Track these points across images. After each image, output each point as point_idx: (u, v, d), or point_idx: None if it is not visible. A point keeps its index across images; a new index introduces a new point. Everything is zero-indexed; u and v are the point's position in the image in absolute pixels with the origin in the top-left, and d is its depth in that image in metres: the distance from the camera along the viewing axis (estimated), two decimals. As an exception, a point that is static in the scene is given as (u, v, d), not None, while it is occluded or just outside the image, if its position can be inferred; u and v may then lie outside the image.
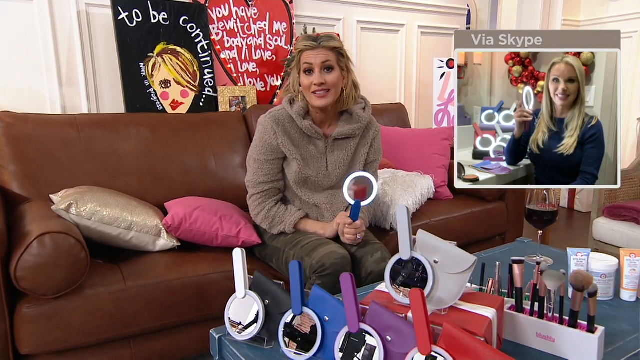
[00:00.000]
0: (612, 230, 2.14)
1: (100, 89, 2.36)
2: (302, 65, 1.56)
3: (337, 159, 1.63)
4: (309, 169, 1.60)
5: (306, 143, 1.62)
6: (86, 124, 1.91)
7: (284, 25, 2.73)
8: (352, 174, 1.49)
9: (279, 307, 1.06)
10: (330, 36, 1.57)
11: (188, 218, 1.61)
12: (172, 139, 2.02)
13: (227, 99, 2.48)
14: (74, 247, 1.31)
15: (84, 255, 1.33)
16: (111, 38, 2.28)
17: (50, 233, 1.28)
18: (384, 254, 1.52)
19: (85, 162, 1.84)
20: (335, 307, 1.00)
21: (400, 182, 2.02)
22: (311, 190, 1.64)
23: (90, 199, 1.52)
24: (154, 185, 1.91)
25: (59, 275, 1.29)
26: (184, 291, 1.49)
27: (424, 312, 0.86)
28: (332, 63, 1.54)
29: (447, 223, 2.10)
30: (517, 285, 1.03)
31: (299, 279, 1.03)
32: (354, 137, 1.65)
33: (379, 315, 0.94)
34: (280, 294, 1.08)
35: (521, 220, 2.42)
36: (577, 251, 1.20)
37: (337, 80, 1.55)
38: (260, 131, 1.62)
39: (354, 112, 1.64)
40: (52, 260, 1.28)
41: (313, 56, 1.53)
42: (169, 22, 2.35)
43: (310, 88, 1.55)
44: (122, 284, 1.42)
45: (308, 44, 1.54)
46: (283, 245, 1.59)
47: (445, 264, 0.98)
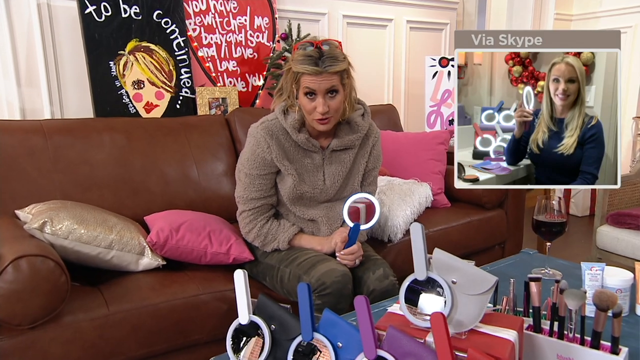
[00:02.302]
0: (617, 238, 2.23)
1: (64, 90, 2.32)
2: (303, 89, 1.50)
3: (335, 172, 1.64)
4: (305, 185, 1.61)
5: (301, 156, 1.61)
6: (54, 131, 1.88)
7: (266, 21, 2.74)
8: (353, 195, 1.51)
9: (287, 333, 1.07)
10: (334, 56, 1.47)
11: (174, 234, 1.61)
12: (150, 146, 2.01)
13: (206, 100, 2.47)
14: (54, 271, 1.29)
15: (64, 280, 1.31)
16: (77, 34, 2.25)
17: (26, 256, 1.26)
18: (386, 271, 1.55)
19: (54, 173, 1.81)
20: (349, 333, 1.02)
21: (397, 191, 2.07)
22: (306, 205, 1.65)
23: (65, 216, 1.50)
24: (130, 197, 1.89)
25: (36, 302, 1.27)
26: (172, 315, 1.49)
27: (446, 337, 0.89)
28: (337, 87, 1.50)
29: (446, 233, 2.15)
30: (535, 304, 1.07)
31: (308, 301, 1.05)
32: (353, 147, 1.65)
33: (397, 341, 0.96)
34: (288, 319, 1.09)
35: (521, 228, 2.50)
36: (591, 265, 1.25)
37: (340, 104, 1.53)
38: (252, 143, 1.60)
39: (353, 121, 1.63)
40: (29, 286, 1.26)
41: (316, 82, 1.47)
42: (141, 17, 2.33)
43: (313, 114, 1.52)
44: (104, 309, 1.41)
45: (310, 70, 1.45)
46: (277, 263, 1.60)
47: (464, 284, 1.01)
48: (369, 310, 0.98)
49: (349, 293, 1.46)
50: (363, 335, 0.97)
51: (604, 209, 2.30)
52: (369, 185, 1.74)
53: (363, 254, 1.59)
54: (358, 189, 1.69)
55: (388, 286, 1.52)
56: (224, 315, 1.56)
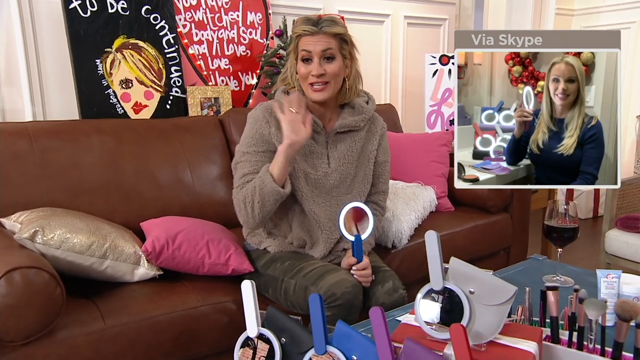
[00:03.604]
0: (627, 243, 2.27)
1: (47, 90, 2.31)
2: (300, 53, 1.55)
3: (341, 154, 1.64)
4: (307, 165, 1.61)
5: None
6: (40, 134, 1.87)
7: (259, 16, 2.75)
8: (345, 207, 1.50)
9: (298, 346, 1.09)
10: (333, 20, 1.56)
11: (170, 243, 1.61)
12: (141, 149, 2.01)
13: (197, 100, 2.47)
14: (48, 284, 1.29)
15: (59, 293, 1.31)
16: (61, 30, 2.24)
17: (20, 268, 1.26)
18: (396, 284, 1.56)
19: (41, 179, 1.80)
20: (365, 345, 1.03)
21: (401, 195, 2.09)
22: (312, 191, 1.61)
23: (57, 224, 1.49)
24: (122, 203, 1.89)
25: (30, 317, 1.27)
26: (171, 328, 1.49)
27: (467, 350, 0.91)
28: (334, 52, 1.54)
29: (451, 238, 2.18)
30: (553, 314, 1.10)
31: (320, 313, 1.06)
32: (359, 130, 1.67)
33: (415, 354, 0.98)
34: (299, 331, 1.10)
35: (526, 232, 2.54)
36: (606, 273, 1.28)
37: (338, 70, 1.56)
38: (250, 122, 1.62)
39: (357, 104, 1.67)
40: (23, 300, 1.25)
41: (312, 43, 1.53)
42: (129, 12, 2.33)
43: (308, 79, 1.55)
44: (100, 322, 1.41)
45: (307, 29, 1.52)
46: (281, 274, 1.60)
47: (482, 294, 1.03)
48: (385, 322, 0.99)
49: (359, 304, 1.47)
50: (380, 349, 0.99)
51: (613, 213, 2.35)
52: (382, 184, 1.75)
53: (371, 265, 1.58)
54: (370, 182, 1.69)
55: (398, 299, 1.53)
56: (225, 327, 1.57)
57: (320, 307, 1.06)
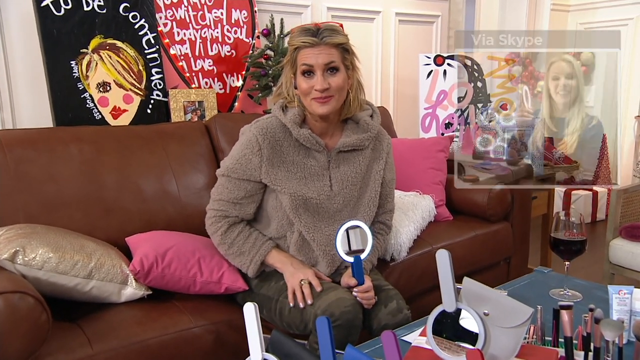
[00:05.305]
0: (632, 253, 2.34)
1: (16, 94, 2.29)
2: (300, 67, 1.53)
3: (344, 175, 1.63)
4: (307, 189, 1.59)
5: (304, 157, 1.61)
6: (13, 143, 1.85)
7: (244, 14, 2.76)
8: (341, 227, 1.51)
9: (306, 373, 1.11)
10: (333, 29, 1.53)
11: (160, 261, 1.61)
12: (123, 159, 2.00)
13: (180, 104, 2.47)
14: (34, 309, 1.28)
15: (45, 318, 1.31)
16: (32, 29, 2.22)
17: (3, 294, 1.25)
18: (400, 303, 1.56)
19: (16, 193, 1.78)
20: (376, 372, 1.06)
21: (400, 205, 2.12)
22: (313, 217, 1.61)
23: (38, 243, 1.49)
24: (103, 218, 1.88)
25: (15, 345, 1.26)
26: (163, 352, 1.50)
27: (485, 376, 0.94)
28: (337, 63, 1.52)
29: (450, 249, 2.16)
30: (567, 334, 1.14)
31: (328, 337, 1.08)
32: (363, 149, 1.65)
33: (430, 380, 1.01)
34: (306, 357, 1.12)
35: (527, 242, 2.59)
36: (618, 289, 1.33)
37: (342, 83, 1.54)
38: (242, 142, 1.61)
39: (361, 120, 1.65)
40: (6, 327, 1.24)
41: (313, 56, 1.50)
42: (105, 10, 2.33)
43: (311, 93, 1.53)
44: (87, 348, 1.41)
45: (307, 41, 1.50)
46: (276, 294, 1.60)
47: (497, 316, 1.07)
48: (397, 347, 1.02)
49: (359, 324, 1.48)
50: (393, 375, 1.01)
51: (617, 221, 2.41)
52: (390, 203, 1.76)
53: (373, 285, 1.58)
54: (376, 204, 1.69)
55: (402, 321, 1.53)
56: (219, 349, 1.58)
57: (328, 331, 1.08)
